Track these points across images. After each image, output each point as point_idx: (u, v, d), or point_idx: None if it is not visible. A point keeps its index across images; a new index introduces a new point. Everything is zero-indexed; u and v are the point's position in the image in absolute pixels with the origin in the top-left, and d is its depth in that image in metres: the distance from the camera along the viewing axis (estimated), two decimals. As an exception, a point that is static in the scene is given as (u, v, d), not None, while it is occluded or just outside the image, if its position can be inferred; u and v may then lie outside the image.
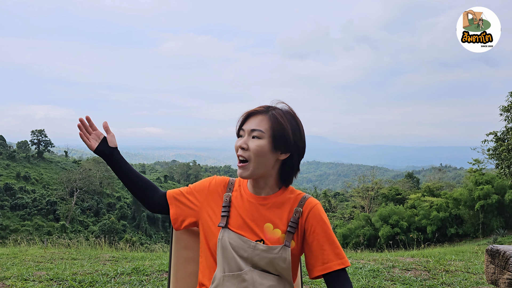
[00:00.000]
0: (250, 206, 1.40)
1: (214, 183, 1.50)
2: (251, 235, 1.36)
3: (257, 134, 1.33)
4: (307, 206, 1.38)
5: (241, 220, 1.39)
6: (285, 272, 1.35)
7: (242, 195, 1.43)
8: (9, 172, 56.76)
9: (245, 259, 1.34)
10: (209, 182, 1.51)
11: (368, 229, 30.11)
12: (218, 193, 1.47)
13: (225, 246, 1.35)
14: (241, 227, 1.38)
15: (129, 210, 55.56)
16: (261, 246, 1.33)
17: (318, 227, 1.36)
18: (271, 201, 1.40)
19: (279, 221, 1.37)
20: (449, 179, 75.66)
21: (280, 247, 1.33)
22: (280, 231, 1.36)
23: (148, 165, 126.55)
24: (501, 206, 27.45)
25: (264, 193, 1.41)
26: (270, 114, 1.36)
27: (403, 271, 4.36)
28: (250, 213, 1.39)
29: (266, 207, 1.39)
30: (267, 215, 1.38)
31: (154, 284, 3.84)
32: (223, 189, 1.48)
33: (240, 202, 1.42)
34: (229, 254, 1.34)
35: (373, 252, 9.50)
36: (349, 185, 54.40)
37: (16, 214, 48.54)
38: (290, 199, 1.40)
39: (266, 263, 1.33)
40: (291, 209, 1.39)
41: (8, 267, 4.63)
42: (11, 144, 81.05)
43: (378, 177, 51.89)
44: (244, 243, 1.34)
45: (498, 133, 21.14)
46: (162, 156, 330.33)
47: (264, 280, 1.33)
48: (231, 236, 1.36)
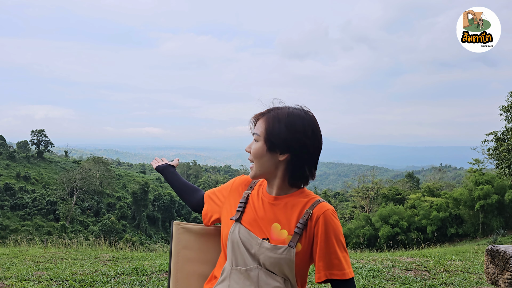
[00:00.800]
0: (262, 205, 1.43)
1: (237, 181, 1.60)
2: (259, 233, 1.38)
3: (255, 138, 1.41)
4: (318, 209, 1.35)
5: (253, 216, 1.43)
6: (290, 275, 1.34)
7: (259, 194, 1.48)
8: (9, 172, 56.75)
9: (252, 255, 1.36)
10: (233, 180, 1.62)
11: (368, 229, 30.11)
12: (239, 191, 1.56)
13: (235, 240, 1.39)
14: (251, 223, 1.41)
15: (129, 210, 55.52)
16: (267, 244, 1.34)
17: (326, 232, 1.33)
18: (282, 201, 1.40)
19: (287, 222, 1.37)
20: (449, 179, 75.67)
21: (284, 247, 1.32)
22: (287, 232, 1.35)
23: (148, 165, 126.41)
24: (501, 206, 27.46)
25: (275, 193, 1.42)
26: (268, 116, 1.38)
27: (403, 271, 4.36)
28: (261, 211, 1.42)
29: (277, 207, 1.40)
30: (276, 215, 1.39)
31: (154, 284, 3.84)
32: (244, 187, 1.56)
33: (256, 200, 1.47)
34: (238, 248, 1.38)
35: (373, 252, 9.49)
36: (349, 185, 54.43)
37: (16, 214, 48.53)
38: (303, 202, 1.39)
39: (271, 263, 1.33)
40: (302, 211, 1.37)
41: (8, 267, 4.63)
42: (11, 144, 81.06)
43: (378, 177, 51.92)
44: (252, 239, 1.37)
45: (498, 133, 21.14)
46: (162, 156, 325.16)
47: (270, 280, 1.33)
48: (241, 230, 1.40)
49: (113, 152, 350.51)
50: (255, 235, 1.37)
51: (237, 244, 1.38)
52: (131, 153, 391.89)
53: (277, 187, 1.41)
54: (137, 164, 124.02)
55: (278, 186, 1.41)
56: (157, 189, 64.67)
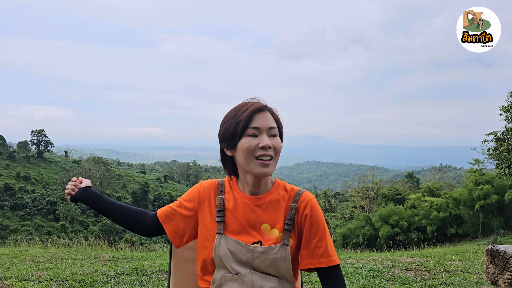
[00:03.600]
0: (245, 208, 1.37)
1: (203, 190, 1.44)
2: (248, 238, 1.34)
3: (275, 132, 1.34)
4: (301, 201, 1.37)
5: (237, 223, 1.36)
6: (287, 272, 1.34)
7: (235, 197, 1.40)
8: (9, 172, 56.74)
9: (244, 263, 1.33)
10: (198, 190, 1.45)
11: (368, 229, 30.08)
12: (210, 199, 1.42)
13: (223, 253, 1.32)
14: (238, 231, 1.35)
15: (129, 210, 55.49)
16: (259, 248, 1.32)
17: (311, 222, 1.35)
18: (266, 200, 1.38)
19: (275, 220, 1.36)
20: (449, 179, 75.62)
21: (278, 246, 1.32)
22: (278, 231, 1.35)
23: (148, 165, 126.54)
24: (501, 206, 27.44)
25: (262, 192, 1.39)
26: (271, 111, 1.37)
27: (403, 271, 4.36)
28: (246, 216, 1.37)
29: (261, 208, 1.37)
30: (263, 216, 1.36)
31: (154, 284, 3.84)
32: (215, 192, 1.43)
33: (234, 205, 1.39)
34: (227, 260, 1.32)
35: (373, 252, 9.49)
36: (349, 185, 54.36)
37: (16, 214, 48.51)
38: (285, 196, 1.39)
39: (267, 265, 1.32)
40: (287, 206, 1.38)
41: (8, 267, 4.63)
42: (11, 144, 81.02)
43: (378, 177, 51.87)
44: (242, 247, 1.32)
45: (498, 133, 21.15)
46: (162, 156, 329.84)
47: (264, 282, 1.32)
48: (228, 242, 1.33)
49: (113, 152, 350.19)
50: (245, 242, 1.33)
51: (226, 257, 1.32)
52: (131, 153, 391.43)
53: (267, 184, 1.40)
54: (137, 164, 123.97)
55: (268, 183, 1.40)
56: (157, 189, 64.65)
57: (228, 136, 1.34)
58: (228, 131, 1.34)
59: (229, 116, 1.36)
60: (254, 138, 1.31)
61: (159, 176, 77.60)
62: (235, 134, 1.32)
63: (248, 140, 1.30)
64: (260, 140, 1.30)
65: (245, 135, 1.31)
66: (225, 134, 1.35)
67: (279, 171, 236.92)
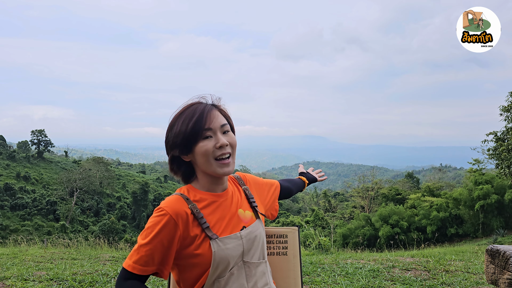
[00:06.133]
0: (219, 206, 1.37)
1: (175, 213, 1.26)
2: (236, 228, 1.36)
3: (227, 128, 1.35)
4: (244, 181, 1.56)
5: (220, 222, 1.34)
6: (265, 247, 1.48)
7: (205, 199, 1.35)
8: (9, 172, 56.75)
9: (241, 255, 1.34)
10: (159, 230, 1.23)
11: (368, 229, 30.09)
12: (185, 221, 1.27)
13: (222, 255, 1.28)
14: (225, 228, 1.33)
15: (129, 210, 55.50)
16: (244, 231, 1.37)
17: (256, 186, 1.59)
18: (229, 192, 1.43)
19: (243, 203, 1.46)
20: (449, 179, 75.60)
21: (256, 222, 1.43)
22: (249, 211, 1.45)
23: (148, 165, 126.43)
24: (501, 206, 27.44)
25: (225, 188, 1.42)
26: (216, 108, 1.37)
27: (403, 271, 4.36)
28: (222, 211, 1.37)
29: (229, 199, 1.41)
30: (234, 205, 1.42)
31: (154, 284, 3.84)
32: (187, 209, 1.29)
33: (208, 208, 1.34)
34: (227, 260, 1.30)
35: (373, 252, 9.49)
36: (349, 185, 54.41)
37: (16, 214, 48.52)
38: (234, 182, 1.52)
39: (260, 247, 1.41)
40: (240, 189, 1.51)
41: (8, 267, 4.63)
42: (11, 144, 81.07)
43: (378, 177, 51.89)
44: (236, 239, 1.33)
45: (498, 133, 21.15)
46: (162, 156, 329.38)
47: (257, 269, 1.38)
48: (224, 241, 1.30)
49: (113, 152, 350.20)
50: (234, 233, 1.34)
51: (226, 257, 1.29)
52: (131, 153, 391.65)
53: (225, 181, 1.41)
54: (137, 164, 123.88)
55: (225, 179, 1.41)
56: (157, 189, 64.63)
57: (181, 142, 1.30)
58: (179, 137, 1.30)
59: (177, 121, 1.32)
60: (209, 139, 1.30)
61: (159, 176, 77.56)
62: (189, 139, 1.29)
63: (204, 143, 1.29)
64: (216, 141, 1.30)
65: (200, 138, 1.29)
66: (176, 139, 1.30)
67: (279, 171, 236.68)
